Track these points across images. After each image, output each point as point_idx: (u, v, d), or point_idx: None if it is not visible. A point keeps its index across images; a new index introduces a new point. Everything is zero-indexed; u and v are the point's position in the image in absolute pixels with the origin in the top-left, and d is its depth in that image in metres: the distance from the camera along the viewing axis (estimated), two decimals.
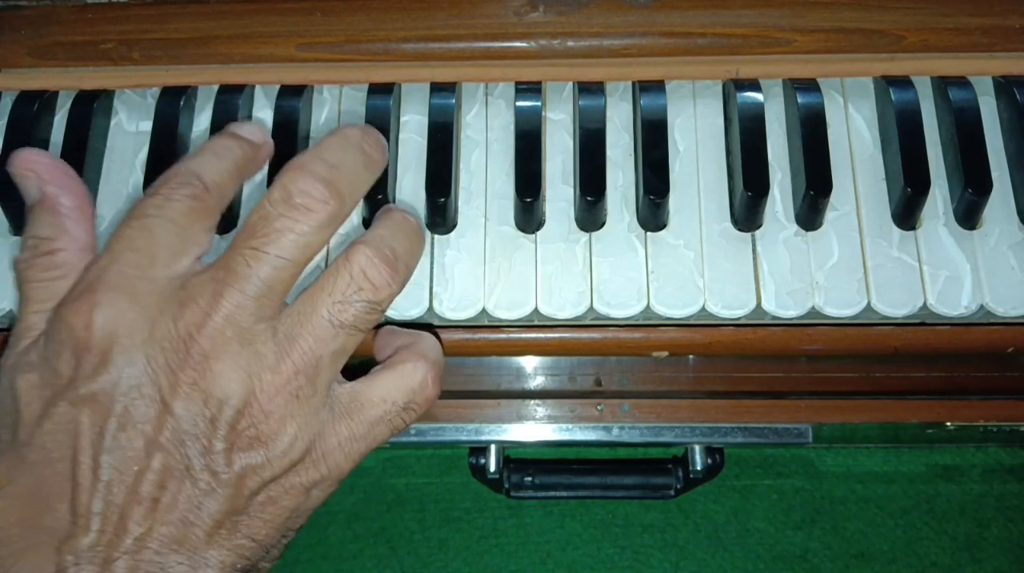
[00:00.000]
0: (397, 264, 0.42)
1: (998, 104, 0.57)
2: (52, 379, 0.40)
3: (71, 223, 0.44)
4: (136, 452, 0.39)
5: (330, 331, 0.41)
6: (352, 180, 0.42)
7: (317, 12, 0.58)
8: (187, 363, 0.40)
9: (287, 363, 0.41)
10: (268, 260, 0.40)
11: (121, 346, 0.40)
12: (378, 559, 0.73)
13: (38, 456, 0.39)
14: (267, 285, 0.40)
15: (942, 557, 0.73)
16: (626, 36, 0.58)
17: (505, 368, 0.66)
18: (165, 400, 0.40)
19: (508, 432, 0.72)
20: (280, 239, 0.40)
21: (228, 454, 0.40)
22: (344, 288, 0.41)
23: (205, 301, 0.40)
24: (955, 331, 0.54)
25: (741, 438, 0.70)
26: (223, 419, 0.40)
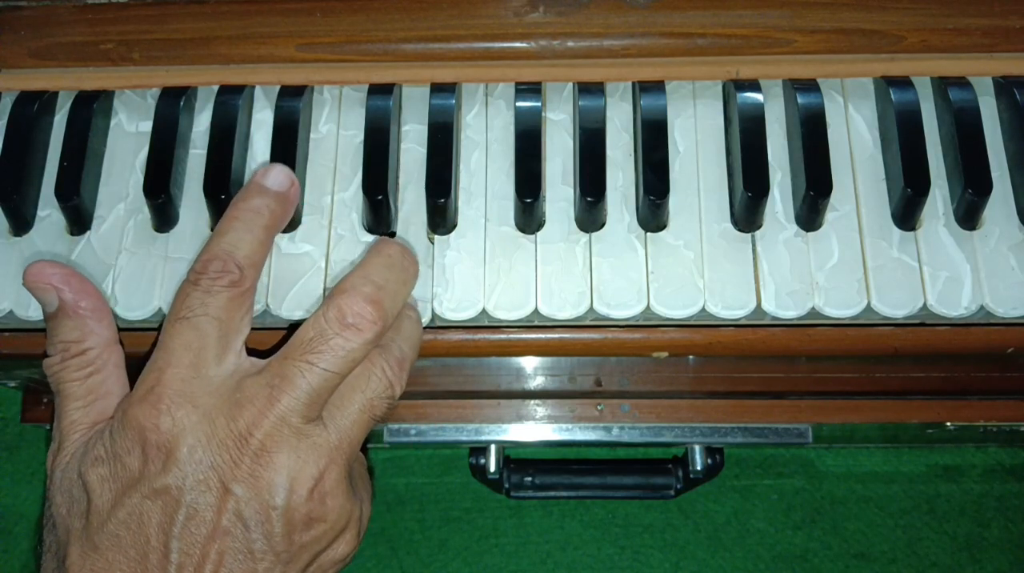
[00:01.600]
0: (404, 364, 0.50)
1: (998, 104, 0.57)
2: (122, 473, 0.45)
3: (94, 323, 0.49)
4: (202, 537, 0.44)
5: (366, 423, 0.49)
6: (394, 297, 0.49)
7: (317, 12, 0.58)
8: (244, 456, 0.45)
9: (332, 450, 0.47)
10: (319, 373, 0.46)
11: (187, 445, 0.45)
12: (378, 559, 0.73)
13: (110, 543, 0.44)
14: (317, 393, 0.46)
15: (942, 557, 0.73)
16: (626, 36, 0.58)
17: (505, 368, 0.66)
18: (227, 488, 0.44)
19: (508, 432, 0.72)
20: (332, 356, 0.46)
21: (288, 534, 0.45)
22: (376, 387, 0.48)
23: (261, 403, 0.46)
24: (955, 331, 0.54)
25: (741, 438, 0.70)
26: (279, 502, 0.45)
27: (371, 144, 0.56)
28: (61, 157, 0.56)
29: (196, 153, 0.57)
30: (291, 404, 0.46)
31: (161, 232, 0.55)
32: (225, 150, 0.55)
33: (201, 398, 0.46)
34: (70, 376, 0.48)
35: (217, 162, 0.55)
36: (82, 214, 0.55)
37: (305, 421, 0.46)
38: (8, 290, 0.54)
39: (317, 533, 0.46)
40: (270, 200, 0.51)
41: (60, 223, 0.56)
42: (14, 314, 0.54)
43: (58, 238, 0.56)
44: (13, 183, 0.55)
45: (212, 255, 0.48)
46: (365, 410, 0.48)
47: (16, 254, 0.55)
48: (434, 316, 0.54)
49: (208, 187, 0.54)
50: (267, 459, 0.45)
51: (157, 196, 0.54)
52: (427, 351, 0.55)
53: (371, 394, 0.48)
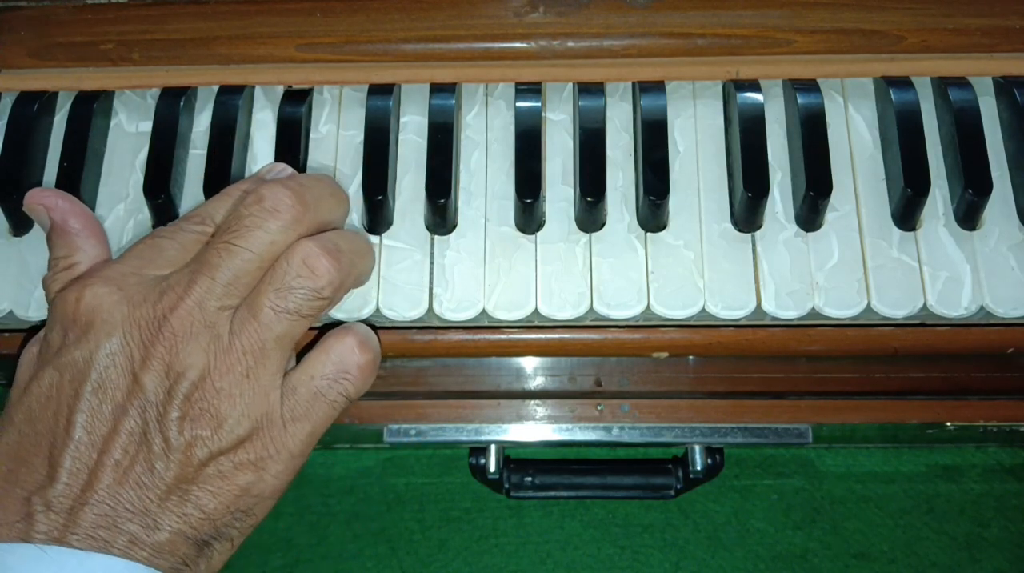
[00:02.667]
0: (340, 256, 0.47)
1: (998, 104, 0.57)
2: (45, 350, 0.46)
3: (81, 240, 0.50)
4: (105, 415, 0.44)
5: (272, 316, 0.46)
6: (317, 198, 0.48)
7: (317, 12, 0.58)
8: (158, 340, 0.45)
9: (236, 345, 0.45)
10: (237, 253, 0.46)
11: (102, 321, 0.45)
12: (378, 559, 0.73)
13: (23, 416, 0.45)
14: (234, 274, 0.45)
15: (942, 557, 0.73)
16: (626, 36, 0.58)
17: (505, 368, 0.66)
18: (135, 371, 0.44)
19: (508, 432, 0.72)
20: (248, 235, 0.46)
21: (180, 422, 0.44)
22: (283, 276, 0.46)
23: (181, 287, 0.45)
24: (955, 332, 0.54)
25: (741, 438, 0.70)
26: (179, 390, 0.44)
27: (371, 144, 0.56)
28: (61, 157, 0.56)
29: (196, 153, 0.57)
30: (208, 285, 0.45)
31: None
32: (225, 150, 0.55)
33: (130, 286, 0.46)
34: (58, 287, 0.49)
35: (217, 162, 0.55)
36: None
37: (221, 307, 0.45)
38: (8, 290, 0.54)
39: (210, 430, 0.45)
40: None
41: None
42: (14, 314, 0.54)
43: None
44: (13, 183, 0.55)
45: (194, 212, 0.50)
46: (273, 302, 0.45)
47: (16, 254, 0.55)
48: (434, 316, 0.54)
49: (208, 187, 0.54)
50: (177, 345, 0.44)
51: (157, 196, 0.54)
52: (427, 351, 0.55)
53: (279, 282, 0.46)
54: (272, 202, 0.46)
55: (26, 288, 0.54)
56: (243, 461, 0.46)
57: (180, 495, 0.44)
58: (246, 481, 0.46)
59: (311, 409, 0.47)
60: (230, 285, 0.45)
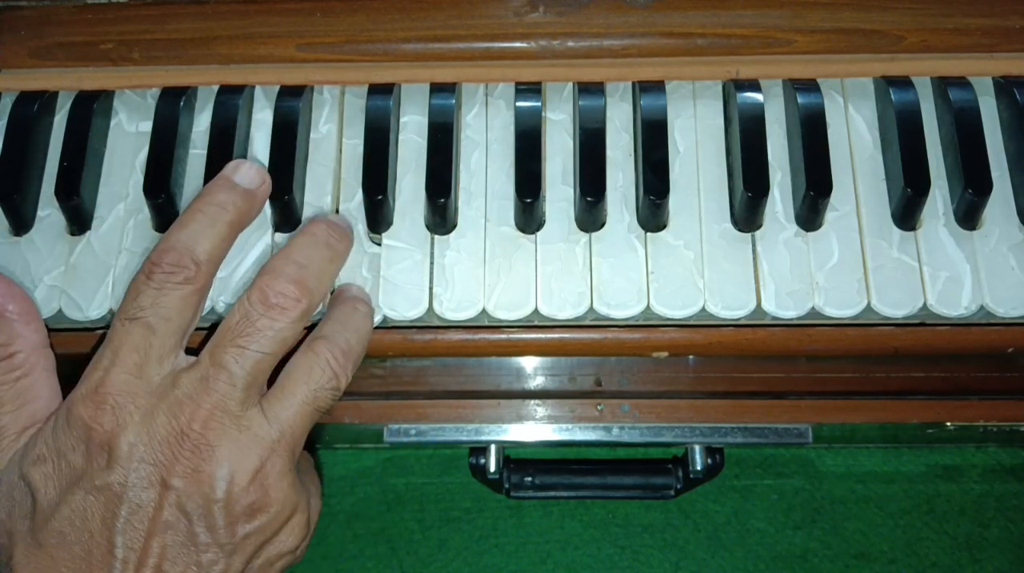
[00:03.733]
0: (350, 354, 0.50)
1: (998, 104, 0.57)
2: (66, 470, 0.45)
3: (21, 326, 0.49)
4: (144, 532, 0.44)
5: (308, 412, 0.48)
6: (319, 275, 0.49)
7: (317, 12, 0.58)
8: (183, 449, 0.45)
9: (273, 440, 0.47)
10: (251, 355, 0.47)
11: (128, 442, 0.45)
12: (378, 559, 0.73)
13: (55, 540, 0.44)
14: (251, 376, 0.47)
15: (942, 557, 0.73)
16: (626, 36, 0.58)
17: (505, 368, 0.66)
18: (167, 483, 0.45)
19: (508, 432, 0.72)
20: (261, 337, 0.47)
21: (229, 525, 0.46)
22: (319, 378, 0.48)
23: (197, 396, 0.46)
24: (955, 331, 0.54)
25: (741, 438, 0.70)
26: (219, 492, 0.45)
27: (371, 144, 0.56)
28: (61, 157, 0.56)
29: (196, 153, 0.57)
30: (226, 390, 0.46)
31: (161, 232, 0.55)
32: (225, 150, 0.55)
33: (142, 398, 0.46)
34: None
35: (217, 162, 0.55)
36: (82, 214, 0.55)
37: (243, 408, 0.47)
38: None
39: (260, 524, 0.46)
40: (237, 196, 0.51)
41: (60, 223, 0.56)
42: None
43: (58, 238, 0.56)
44: (13, 183, 0.55)
45: (169, 246, 0.48)
46: (308, 401, 0.48)
47: (16, 254, 0.55)
48: (434, 316, 0.54)
49: None
50: (207, 452, 0.45)
51: (157, 196, 0.54)
52: (427, 351, 0.55)
53: (315, 385, 0.48)
54: (277, 299, 0.47)
55: (26, 288, 0.54)
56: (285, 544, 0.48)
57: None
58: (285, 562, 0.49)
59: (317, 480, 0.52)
60: (248, 388, 0.47)
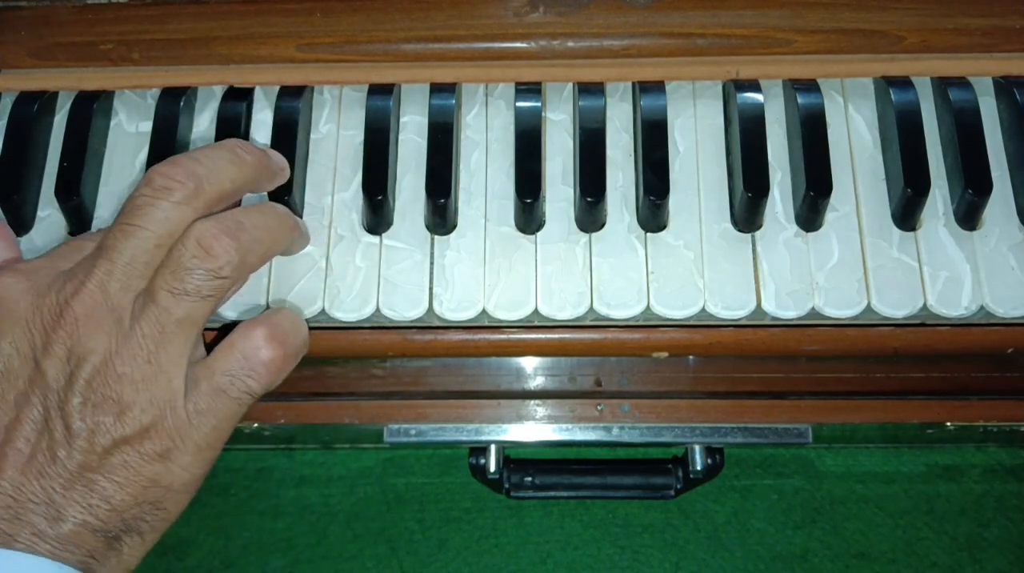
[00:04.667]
0: (240, 234, 0.46)
1: (998, 104, 0.57)
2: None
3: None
4: (8, 403, 0.44)
5: (170, 299, 0.45)
6: (212, 169, 0.47)
7: (317, 13, 0.58)
8: (59, 326, 0.44)
9: (136, 329, 0.45)
10: (132, 231, 0.45)
11: (8, 310, 0.45)
12: (378, 559, 0.73)
13: None
14: (132, 254, 0.45)
15: (942, 557, 0.73)
16: (626, 36, 0.58)
17: (505, 368, 0.66)
18: (37, 358, 0.44)
19: (508, 432, 0.71)
20: (142, 214, 0.45)
21: (82, 409, 0.44)
22: (179, 258, 0.45)
23: (83, 273, 0.45)
24: (955, 331, 0.54)
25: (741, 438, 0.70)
26: (80, 376, 0.44)
27: (371, 144, 0.56)
28: (61, 157, 0.56)
29: None
30: (108, 267, 0.45)
31: None
32: None
33: (39, 278, 0.46)
34: None
35: None
36: (82, 214, 0.55)
37: (123, 289, 0.45)
38: None
39: (113, 417, 0.44)
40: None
41: (60, 223, 0.56)
42: None
43: (58, 238, 0.56)
44: (13, 183, 0.55)
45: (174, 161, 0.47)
46: (170, 284, 0.45)
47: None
48: (434, 316, 0.54)
49: None
50: (78, 330, 0.44)
51: None
52: (427, 351, 0.55)
53: (174, 265, 0.45)
54: (162, 181, 0.46)
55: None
56: (148, 451, 0.45)
57: (85, 485, 0.43)
58: (153, 472, 0.45)
59: (214, 404, 0.46)
60: (129, 265, 0.45)
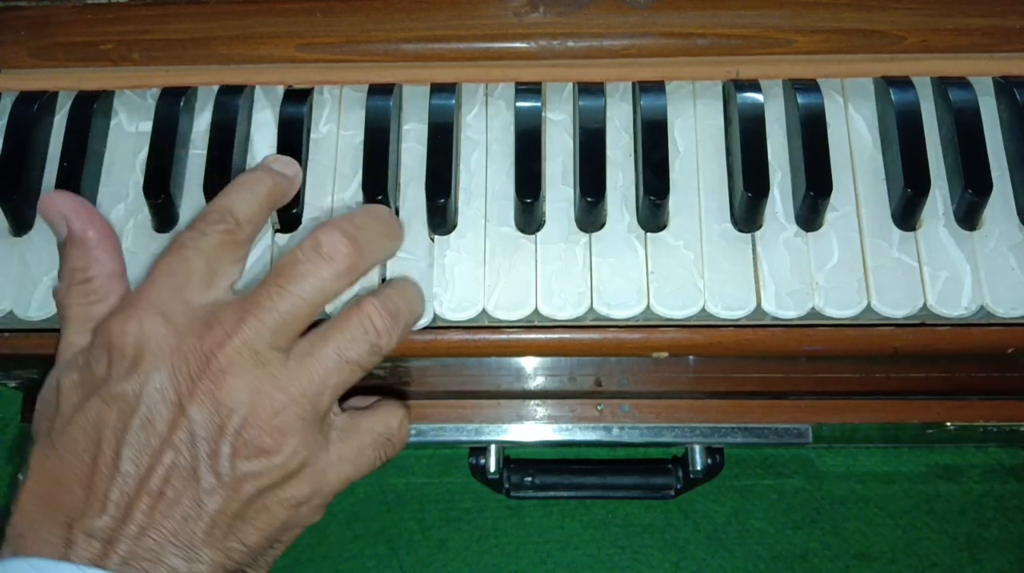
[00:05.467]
0: (398, 317, 0.48)
1: (998, 104, 0.57)
2: (89, 378, 0.46)
3: (100, 253, 0.49)
4: (152, 449, 0.44)
5: (337, 364, 0.47)
6: (372, 242, 0.49)
7: (317, 12, 0.58)
8: (205, 375, 0.45)
9: (296, 386, 0.46)
10: (288, 298, 0.46)
11: (151, 354, 0.45)
12: (378, 559, 0.73)
13: (67, 444, 0.45)
14: (284, 318, 0.46)
15: (942, 557, 0.73)
16: (626, 36, 0.58)
17: (505, 368, 0.66)
18: (183, 405, 0.44)
19: (508, 432, 0.72)
20: (303, 281, 0.46)
21: (232, 459, 0.45)
22: (354, 329, 0.47)
23: (229, 325, 0.45)
24: (955, 332, 0.54)
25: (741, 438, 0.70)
26: (231, 426, 0.45)
27: (371, 144, 0.56)
28: (61, 157, 0.56)
29: (196, 153, 0.57)
30: (258, 327, 0.45)
31: (161, 232, 0.55)
32: (225, 150, 0.55)
33: (175, 316, 0.46)
34: (73, 301, 0.48)
35: (217, 162, 0.55)
36: None
37: (271, 348, 0.46)
38: (8, 290, 0.55)
39: (263, 466, 0.45)
40: (273, 174, 0.52)
41: None
42: (14, 314, 0.54)
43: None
44: (13, 183, 0.55)
45: (211, 208, 0.49)
46: (340, 351, 0.47)
47: (16, 254, 0.55)
48: (434, 316, 0.54)
49: (208, 187, 0.54)
50: (225, 381, 0.45)
51: (157, 196, 0.54)
52: (427, 351, 0.55)
53: (349, 335, 0.47)
54: (329, 249, 0.46)
55: (26, 288, 0.54)
56: (289, 498, 0.47)
57: (225, 530, 0.45)
58: (289, 516, 0.47)
59: (360, 455, 0.49)
60: (279, 330, 0.46)
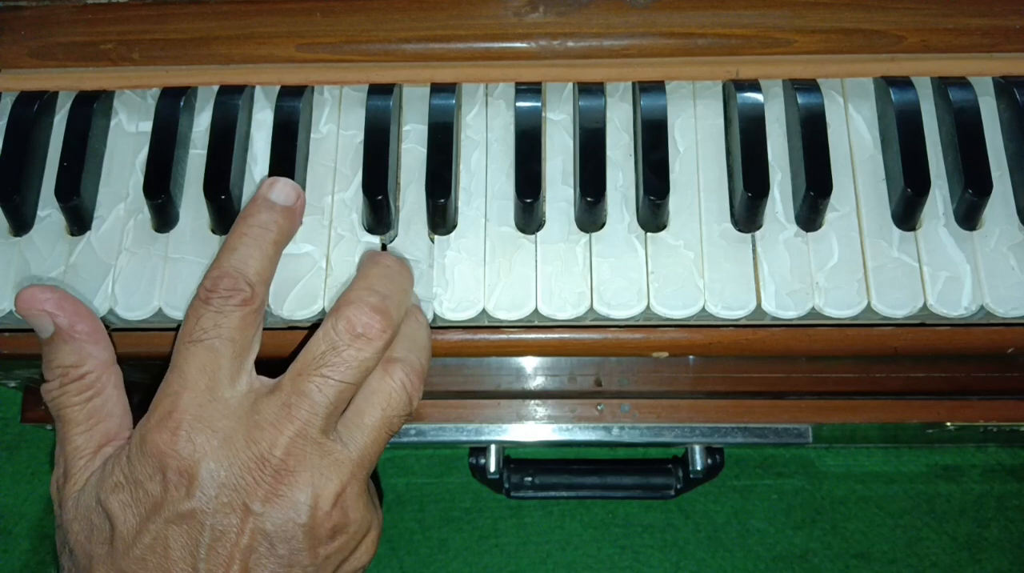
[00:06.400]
0: (423, 375, 0.50)
1: (998, 104, 0.57)
2: (144, 498, 0.45)
3: (91, 346, 0.49)
4: (227, 558, 0.44)
5: (385, 437, 0.49)
6: (399, 307, 0.50)
7: (317, 12, 0.58)
8: (265, 476, 0.45)
9: (360, 466, 0.48)
10: (334, 385, 0.47)
11: (207, 469, 0.45)
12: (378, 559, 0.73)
13: (137, 567, 0.45)
14: (333, 405, 0.47)
15: (942, 557, 0.73)
16: (626, 36, 0.58)
17: (505, 368, 0.66)
18: (251, 509, 0.45)
19: (508, 432, 0.72)
20: (346, 367, 0.47)
21: (315, 549, 0.46)
22: (396, 403, 0.49)
23: (279, 422, 0.46)
24: (955, 332, 0.54)
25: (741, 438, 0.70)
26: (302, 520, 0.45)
27: (371, 144, 0.56)
28: (61, 157, 0.56)
29: (196, 153, 0.57)
30: (309, 419, 0.46)
31: (161, 232, 0.55)
32: (225, 150, 0.55)
33: (218, 422, 0.46)
34: (70, 401, 0.48)
35: (217, 162, 0.55)
36: (82, 214, 0.55)
37: (324, 434, 0.47)
38: (8, 290, 0.54)
39: (340, 543, 0.47)
40: (277, 215, 0.51)
41: (60, 223, 0.56)
42: (14, 314, 0.54)
43: (58, 238, 0.56)
44: (13, 183, 0.55)
45: (223, 272, 0.48)
46: (384, 425, 0.49)
47: (16, 254, 0.55)
48: (434, 316, 0.54)
49: (208, 187, 0.54)
50: (289, 478, 0.46)
51: (157, 196, 0.54)
52: None
53: (392, 411, 0.49)
54: (364, 329, 0.47)
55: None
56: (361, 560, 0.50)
57: None
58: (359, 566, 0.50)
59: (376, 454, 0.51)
60: (330, 416, 0.47)
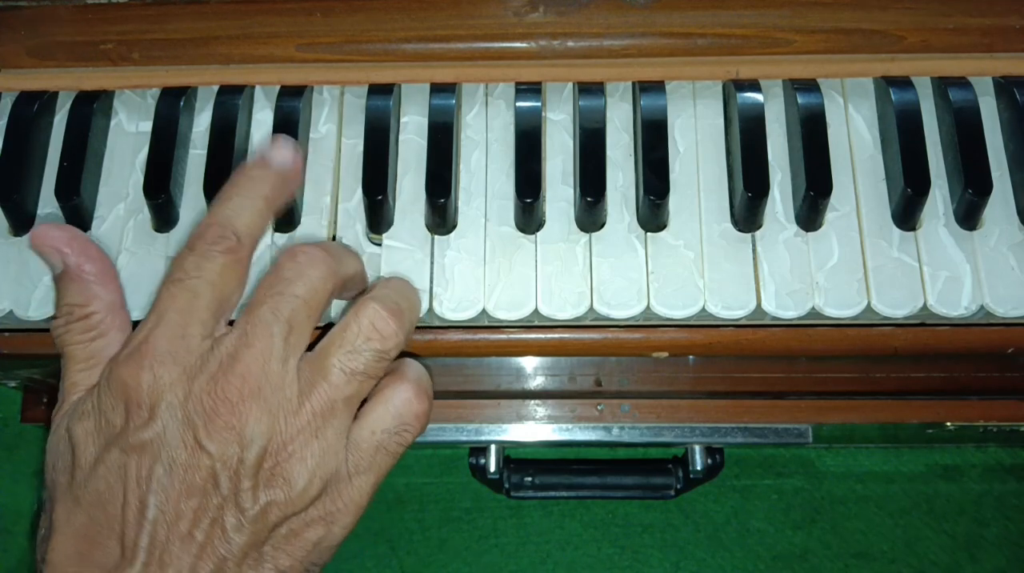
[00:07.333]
0: (403, 316, 0.47)
1: (998, 104, 0.57)
2: (106, 428, 0.45)
3: (98, 286, 0.48)
4: (179, 493, 0.44)
5: (343, 378, 0.46)
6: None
7: (317, 12, 0.58)
8: (220, 411, 0.44)
9: (306, 406, 0.45)
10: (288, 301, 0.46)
11: (166, 401, 0.44)
12: (378, 559, 0.73)
13: (92, 497, 0.44)
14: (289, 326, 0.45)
15: (942, 557, 0.73)
16: (626, 36, 0.58)
17: (505, 368, 0.66)
18: (203, 446, 0.44)
19: (508, 432, 0.72)
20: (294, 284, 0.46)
21: (254, 491, 0.44)
22: (354, 339, 0.46)
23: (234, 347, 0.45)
24: (955, 331, 0.54)
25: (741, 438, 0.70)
26: (249, 458, 0.44)
27: (371, 144, 0.56)
28: (61, 157, 0.56)
29: (196, 153, 0.57)
30: (266, 342, 0.45)
31: (161, 232, 0.55)
32: (225, 150, 0.55)
33: (184, 357, 0.45)
34: (73, 339, 0.48)
35: (217, 162, 0.55)
36: (82, 214, 0.55)
37: (283, 364, 0.45)
38: (8, 290, 0.54)
39: (284, 495, 0.45)
40: (271, 172, 0.50)
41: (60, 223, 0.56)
42: (14, 314, 0.54)
43: None
44: (13, 183, 0.55)
45: (210, 221, 0.48)
46: (350, 359, 0.46)
47: (16, 254, 0.55)
48: (434, 316, 0.54)
49: (208, 187, 0.54)
50: (241, 412, 0.44)
51: (157, 196, 0.54)
52: (427, 351, 0.55)
53: (349, 346, 0.46)
54: (306, 257, 0.47)
55: (26, 288, 0.54)
56: (314, 518, 0.46)
57: (255, 559, 0.45)
58: (317, 536, 0.47)
59: (374, 462, 0.48)
60: (287, 338, 0.45)
